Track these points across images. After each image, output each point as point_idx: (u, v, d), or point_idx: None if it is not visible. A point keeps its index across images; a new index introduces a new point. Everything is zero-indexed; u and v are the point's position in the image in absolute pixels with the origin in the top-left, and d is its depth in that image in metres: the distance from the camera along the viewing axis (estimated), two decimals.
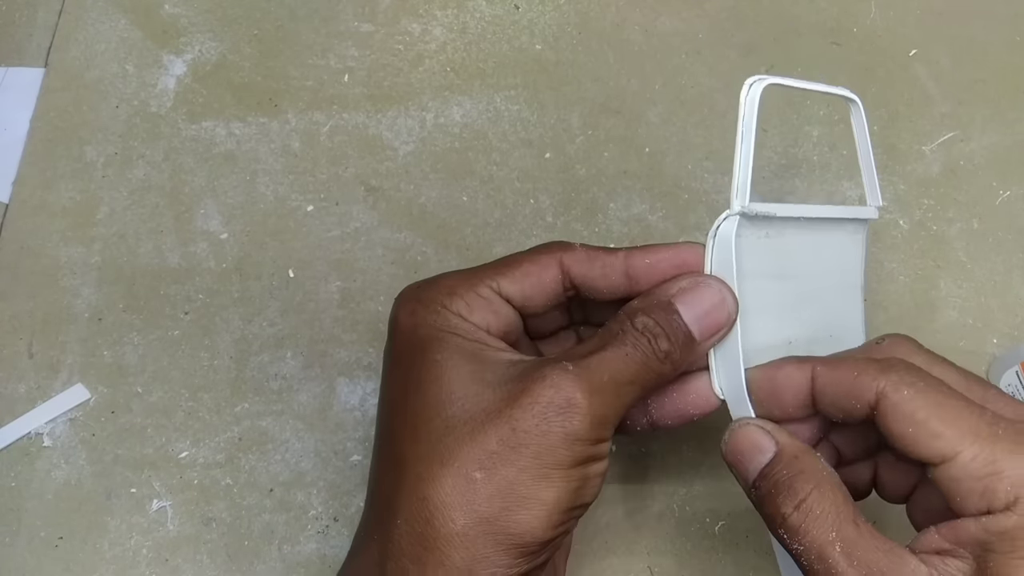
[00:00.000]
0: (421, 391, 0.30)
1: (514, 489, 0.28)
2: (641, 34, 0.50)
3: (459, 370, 0.30)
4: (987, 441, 0.27)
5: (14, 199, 0.45)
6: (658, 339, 0.30)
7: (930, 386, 0.28)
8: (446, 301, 0.31)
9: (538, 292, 0.33)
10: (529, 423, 0.28)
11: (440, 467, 0.28)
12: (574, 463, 0.29)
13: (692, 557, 0.39)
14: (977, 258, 0.46)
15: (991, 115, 0.49)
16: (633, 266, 0.32)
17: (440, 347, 0.30)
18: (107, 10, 0.50)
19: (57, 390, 0.41)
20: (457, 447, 0.28)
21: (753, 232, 0.32)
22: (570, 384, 0.28)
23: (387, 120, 0.48)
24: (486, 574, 0.28)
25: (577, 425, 0.28)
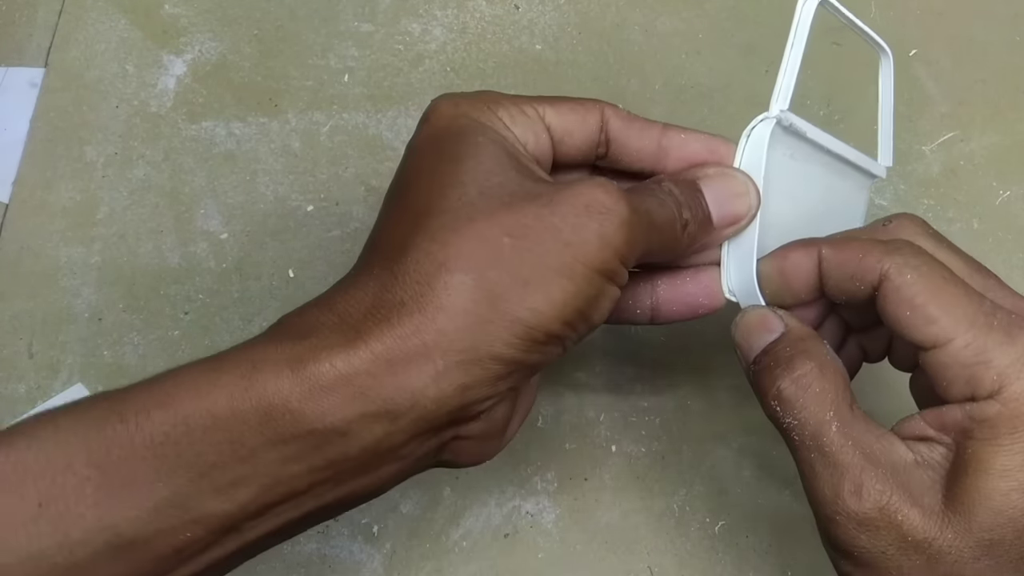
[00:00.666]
0: (458, 161, 0.28)
1: (538, 267, 0.26)
2: (641, 34, 0.50)
3: (501, 157, 0.29)
4: (981, 330, 0.27)
5: (14, 199, 0.45)
6: (682, 207, 0.30)
7: (933, 270, 0.28)
8: (492, 105, 0.30)
9: (578, 130, 0.32)
10: (568, 210, 0.27)
11: (469, 222, 0.27)
12: (600, 268, 0.27)
13: (692, 557, 0.39)
14: (977, 258, 0.46)
15: (991, 115, 0.49)
16: (668, 136, 0.33)
17: (484, 134, 0.29)
18: (107, 10, 0.50)
19: (57, 390, 0.41)
20: (490, 210, 0.27)
21: (780, 146, 0.33)
22: (616, 193, 0.28)
23: (387, 120, 0.48)
24: (481, 338, 0.26)
25: (615, 230, 0.27)
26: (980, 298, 0.28)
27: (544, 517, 0.40)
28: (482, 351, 0.26)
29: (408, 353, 0.25)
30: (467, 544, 0.40)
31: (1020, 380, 0.26)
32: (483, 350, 0.26)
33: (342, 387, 0.25)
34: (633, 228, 0.28)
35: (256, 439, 0.24)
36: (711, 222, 0.31)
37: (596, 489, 0.41)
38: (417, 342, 0.25)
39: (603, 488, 0.41)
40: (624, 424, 0.42)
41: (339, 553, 0.39)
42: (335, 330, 0.26)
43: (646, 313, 0.34)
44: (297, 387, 0.25)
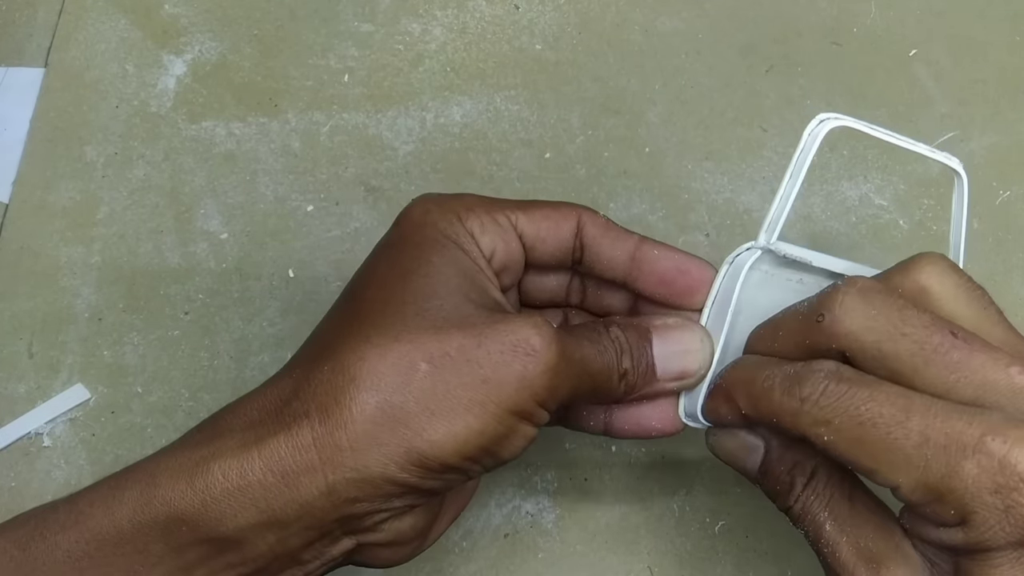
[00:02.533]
0: (406, 277, 0.29)
1: (447, 398, 0.27)
2: (641, 34, 0.50)
3: (449, 279, 0.29)
4: (919, 470, 0.25)
5: (14, 199, 0.45)
6: (623, 355, 0.30)
7: (849, 420, 0.26)
8: (463, 214, 0.31)
9: (551, 237, 0.32)
10: (494, 346, 0.27)
11: (393, 341, 0.27)
12: (514, 409, 0.27)
13: (692, 557, 0.39)
14: (977, 258, 0.46)
15: (991, 115, 0.49)
16: (642, 249, 0.32)
17: (440, 252, 0.30)
18: (107, 10, 0.50)
19: (57, 390, 0.41)
20: (418, 333, 0.27)
21: (782, 273, 0.32)
22: (549, 337, 0.28)
23: (387, 120, 0.48)
24: (375, 459, 0.26)
25: (537, 375, 0.27)
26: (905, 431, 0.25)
27: (544, 517, 0.40)
28: (374, 471, 0.26)
29: (302, 466, 0.26)
30: (467, 544, 0.40)
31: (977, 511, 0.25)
32: (375, 471, 0.26)
33: (234, 497, 0.26)
34: (558, 374, 0.28)
35: (160, 548, 0.26)
36: (655, 374, 0.31)
37: (596, 489, 0.41)
38: (313, 456, 0.26)
39: (603, 488, 0.41)
40: None
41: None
42: (238, 435, 0.27)
43: (599, 426, 0.34)
44: (191, 497, 0.26)
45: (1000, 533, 0.24)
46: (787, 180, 0.31)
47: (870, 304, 0.27)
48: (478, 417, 0.27)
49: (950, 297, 0.28)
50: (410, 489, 0.27)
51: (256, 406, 0.28)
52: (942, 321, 0.27)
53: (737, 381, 0.30)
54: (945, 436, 0.25)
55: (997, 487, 0.24)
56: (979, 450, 0.24)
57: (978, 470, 0.24)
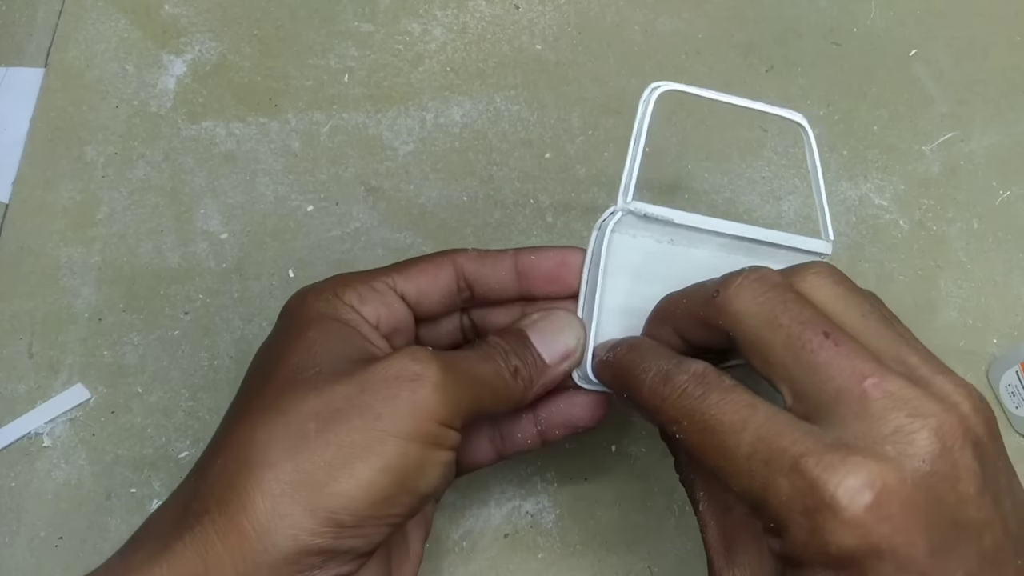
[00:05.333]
0: (285, 356, 0.29)
1: (344, 449, 0.26)
2: (641, 34, 0.50)
3: (329, 346, 0.29)
4: (746, 479, 0.26)
5: (14, 199, 0.45)
6: (508, 355, 0.31)
7: (693, 421, 0.27)
8: (339, 291, 0.31)
9: (432, 289, 0.33)
10: (379, 385, 0.27)
11: (278, 414, 0.27)
12: (415, 436, 0.27)
13: (692, 557, 0.39)
14: (977, 258, 0.46)
15: (991, 115, 0.49)
16: (521, 262, 0.34)
17: (318, 327, 0.30)
18: (107, 10, 0.50)
19: (57, 390, 0.41)
20: (299, 398, 0.27)
21: (650, 234, 0.34)
22: (426, 358, 0.28)
23: (387, 120, 0.48)
24: (283, 533, 0.25)
25: (426, 395, 0.27)
26: (737, 440, 0.26)
27: (544, 517, 0.40)
28: (286, 546, 0.25)
29: (211, 563, 0.25)
30: (467, 544, 0.40)
31: (789, 527, 0.25)
32: (286, 545, 0.25)
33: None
34: (449, 388, 0.28)
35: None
36: (544, 361, 0.32)
37: (596, 489, 0.41)
38: (219, 550, 0.25)
39: (603, 488, 0.41)
40: (624, 424, 0.42)
41: None
42: (148, 545, 0.26)
43: (536, 440, 0.35)
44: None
45: (808, 551, 0.24)
46: (631, 145, 0.33)
47: (761, 291, 0.27)
48: (380, 455, 0.26)
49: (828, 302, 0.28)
50: (330, 554, 0.26)
51: (164, 514, 0.28)
52: (821, 320, 0.26)
53: (621, 364, 0.31)
54: (769, 451, 0.25)
55: (806, 508, 0.24)
56: (794, 469, 0.24)
57: (791, 489, 0.24)
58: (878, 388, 0.25)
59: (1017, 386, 0.42)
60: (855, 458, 0.24)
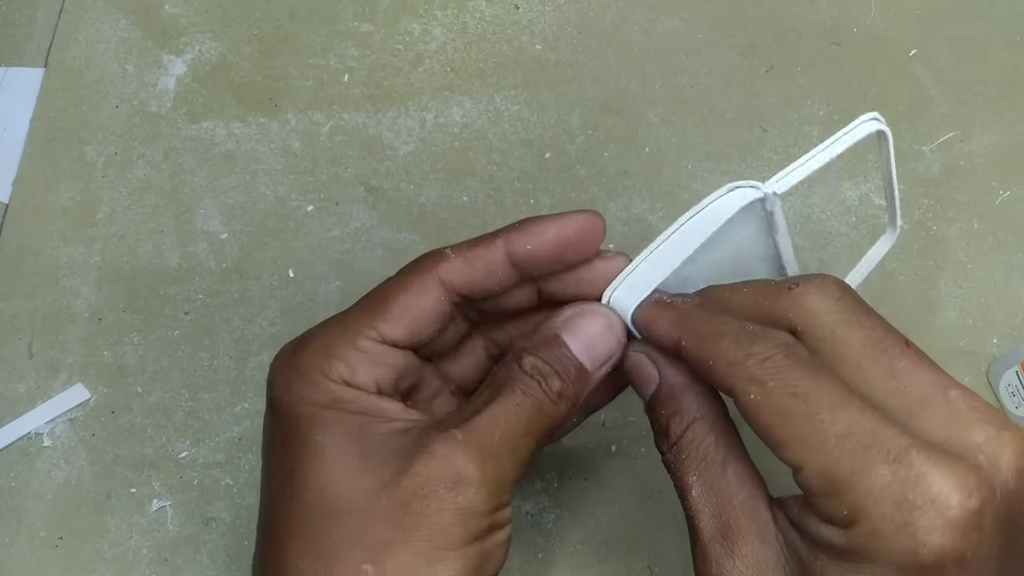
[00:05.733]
0: (298, 478, 0.27)
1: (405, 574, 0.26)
2: (641, 34, 0.50)
3: (341, 452, 0.27)
4: (831, 458, 0.24)
5: (14, 199, 0.45)
6: (549, 379, 0.28)
7: (782, 387, 0.25)
8: (325, 367, 0.29)
9: (423, 324, 0.30)
10: (419, 505, 0.26)
11: (326, 564, 0.26)
12: (470, 539, 0.27)
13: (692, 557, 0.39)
14: (977, 258, 0.46)
15: (991, 115, 0.49)
16: (515, 254, 0.30)
17: (320, 427, 0.28)
18: (107, 10, 0.50)
19: (57, 390, 0.41)
20: (343, 541, 0.26)
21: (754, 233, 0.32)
22: (460, 456, 0.26)
23: (387, 120, 0.48)
24: None
25: (471, 499, 0.26)
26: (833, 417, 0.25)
27: (544, 517, 0.40)
28: None
29: None
30: None
31: (870, 518, 0.24)
32: None
33: None
34: (494, 472, 0.27)
35: None
36: (587, 371, 0.29)
37: (596, 489, 0.41)
38: None
39: (603, 488, 0.41)
40: (624, 424, 0.42)
41: None
42: None
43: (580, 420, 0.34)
44: None
45: (885, 548, 0.23)
46: (825, 148, 0.31)
47: (840, 293, 0.27)
48: (445, 569, 0.26)
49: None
50: None
51: None
52: (899, 333, 0.27)
53: (693, 313, 0.29)
54: (872, 436, 0.24)
55: (903, 501, 0.23)
56: (900, 460, 0.23)
57: (891, 478, 0.23)
58: (963, 400, 0.25)
59: (1017, 386, 0.42)
60: (961, 461, 0.23)
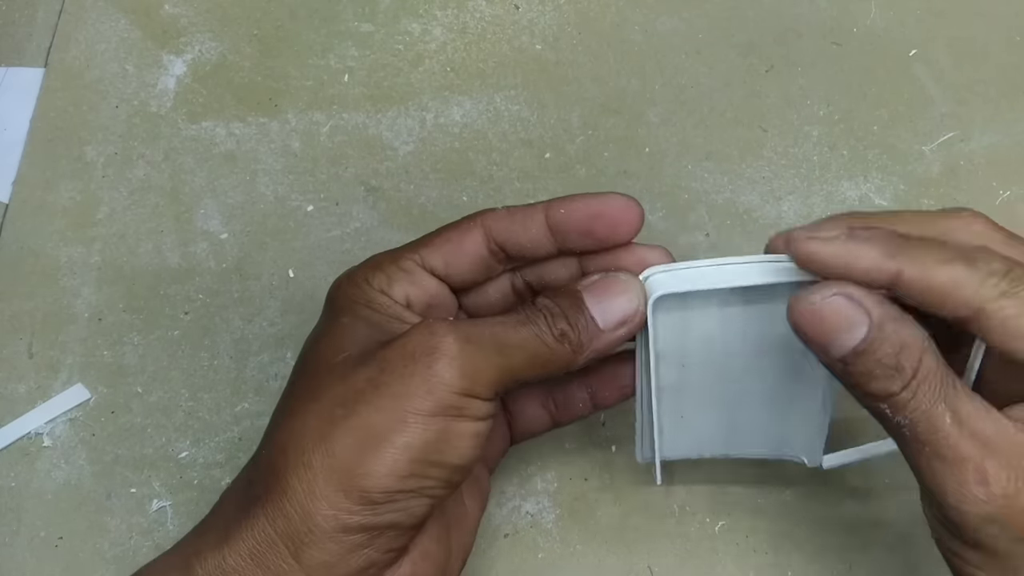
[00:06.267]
0: (319, 347, 0.31)
1: (369, 430, 0.28)
2: (641, 34, 0.50)
3: (357, 330, 0.31)
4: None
5: (14, 199, 0.45)
6: (555, 318, 0.30)
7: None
8: (369, 275, 0.32)
9: (460, 258, 0.32)
10: (396, 364, 0.28)
11: (309, 402, 0.29)
12: (435, 410, 0.28)
13: (692, 557, 0.39)
14: None
15: (991, 115, 0.49)
16: (552, 216, 0.32)
17: (348, 313, 0.31)
18: (107, 10, 0.50)
19: (57, 390, 0.41)
20: (329, 385, 0.29)
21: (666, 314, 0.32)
22: (443, 330, 0.28)
23: (387, 120, 0.48)
24: (322, 513, 0.27)
25: (441, 369, 0.28)
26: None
27: (544, 517, 0.40)
28: (326, 526, 0.27)
29: (265, 544, 0.28)
30: None
31: None
32: (326, 525, 0.27)
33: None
34: (468, 357, 0.28)
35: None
36: (598, 326, 0.31)
37: (596, 489, 0.41)
38: (270, 532, 0.28)
39: (603, 488, 0.41)
40: (624, 424, 0.42)
41: None
42: (216, 528, 0.29)
43: (587, 405, 0.35)
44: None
45: None
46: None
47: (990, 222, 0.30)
48: (401, 432, 0.27)
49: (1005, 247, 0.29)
50: (373, 530, 0.28)
51: (229, 499, 0.30)
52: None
53: (906, 242, 0.28)
54: None
55: None
56: None
57: None
58: None
59: None
60: None
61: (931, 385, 0.27)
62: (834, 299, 0.27)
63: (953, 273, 0.27)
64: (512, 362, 0.29)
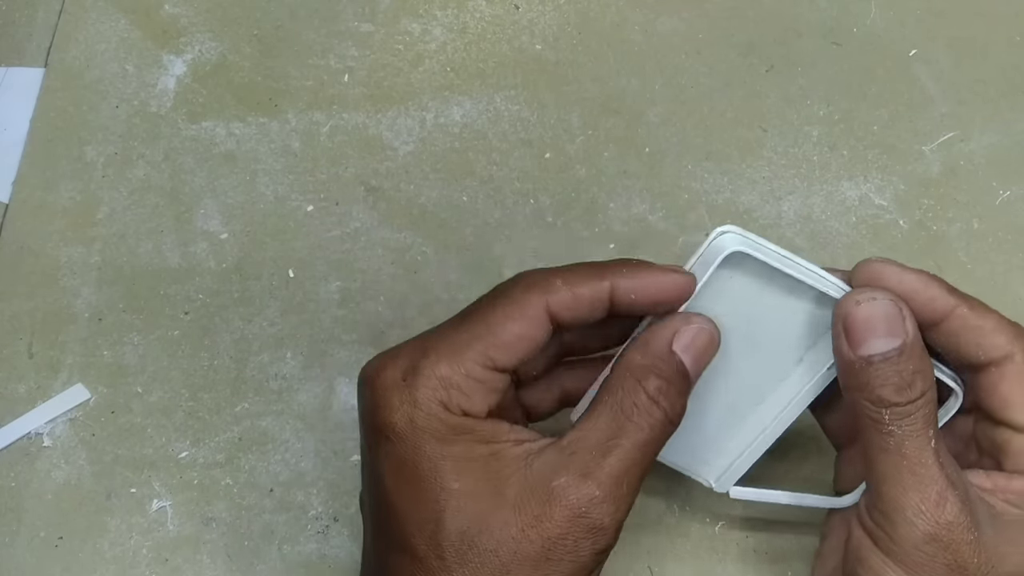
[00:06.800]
0: (444, 521, 0.29)
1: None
2: (641, 34, 0.50)
3: (479, 495, 0.29)
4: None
5: (14, 199, 0.45)
6: (672, 401, 0.30)
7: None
8: (444, 399, 0.29)
9: (533, 353, 0.30)
10: (560, 551, 0.28)
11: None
12: (597, 569, 0.30)
13: (692, 557, 0.39)
14: (977, 258, 0.46)
15: (991, 115, 0.49)
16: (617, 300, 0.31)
17: (455, 472, 0.29)
18: (107, 10, 0.50)
19: (57, 390, 0.41)
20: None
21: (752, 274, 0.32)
22: (597, 509, 0.28)
23: (387, 120, 0.48)
24: None
25: (607, 542, 0.29)
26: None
27: None
28: None
29: None
30: None
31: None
32: None
33: None
34: (623, 515, 0.29)
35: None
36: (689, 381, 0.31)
37: None
38: None
39: None
40: None
41: (339, 553, 0.39)
42: None
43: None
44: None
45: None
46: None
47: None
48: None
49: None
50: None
51: None
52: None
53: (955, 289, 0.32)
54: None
55: None
56: None
57: None
58: None
59: None
60: None
61: (927, 413, 0.30)
62: (888, 303, 0.30)
63: (999, 321, 0.31)
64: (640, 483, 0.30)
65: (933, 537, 0.29)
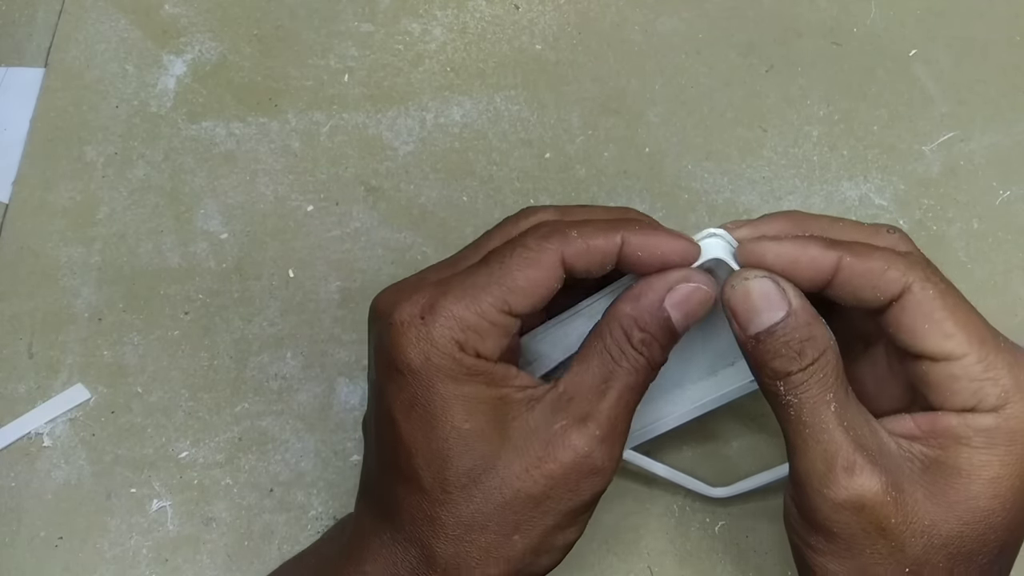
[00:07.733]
0: (452, 459, 0.30)
1: (545, 540, 0.30)
2: (641, 34, 0.50)
3: (487, 436, 0.30)
4: (991, 349, 0.29)
5: (14, 199, 0.45)
6: (653, 350, 0.31)
7: (950, 288, 0.30)
8: (460, 339, 0.30)
9: (546, 299, 0.31)
10: (560, 490, 0.30)
11: (480, 532, 0.30)
12: (593, 509, 0.31)
13: (692, 557, 0.39)
14: (977, 258, 0.46)
15: (991, 115, 0.49)
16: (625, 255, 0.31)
17: (466, 412, 0.30)
18: (107, 10, 0.50)
19: (57, 390, 0.41)
20: (493, 515, 0.30)
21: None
22: (597, 451, 0.30)
23: (387, 120, 0.48)
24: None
25: (604, 483, 0.31)
26: (986, 321, 0.30)
27: None
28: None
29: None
30: None
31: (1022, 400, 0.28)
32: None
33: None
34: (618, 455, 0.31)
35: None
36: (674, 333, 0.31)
37: None
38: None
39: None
40: None
41: None
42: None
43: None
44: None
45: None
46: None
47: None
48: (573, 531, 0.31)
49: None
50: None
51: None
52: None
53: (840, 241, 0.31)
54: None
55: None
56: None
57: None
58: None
59: None
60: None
61: (825, 376, 0.30)
62: (763, 281, 0.30)
63: (886, 257, 0.30)
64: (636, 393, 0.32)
65: (844, 504, 0.29)
